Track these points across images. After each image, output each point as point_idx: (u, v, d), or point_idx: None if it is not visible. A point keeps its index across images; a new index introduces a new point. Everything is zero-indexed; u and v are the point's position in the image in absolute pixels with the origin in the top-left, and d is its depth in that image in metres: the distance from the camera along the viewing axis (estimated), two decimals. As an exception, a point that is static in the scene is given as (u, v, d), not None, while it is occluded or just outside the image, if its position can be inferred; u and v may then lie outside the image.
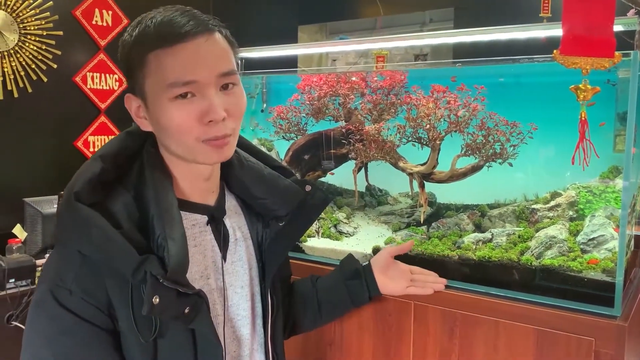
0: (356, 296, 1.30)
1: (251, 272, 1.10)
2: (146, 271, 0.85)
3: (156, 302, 0.85)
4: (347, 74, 1.77)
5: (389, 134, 1.63)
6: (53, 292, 0.89)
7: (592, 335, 1.14)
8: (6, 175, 2.95)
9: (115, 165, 0.96)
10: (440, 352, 1.32)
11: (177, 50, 0.88)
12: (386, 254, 1.33)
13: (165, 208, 0.91)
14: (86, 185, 0.90)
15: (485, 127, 1.46)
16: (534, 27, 1.42)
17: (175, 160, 0.98)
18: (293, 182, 1.13)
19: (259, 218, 1.13)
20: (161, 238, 0.89)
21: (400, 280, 1.31)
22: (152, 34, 0.89)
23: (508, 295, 1.28)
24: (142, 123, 0.96)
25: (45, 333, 0.90)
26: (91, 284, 0.89)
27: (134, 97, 0.95)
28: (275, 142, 1.94)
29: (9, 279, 2.30)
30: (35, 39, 3.03)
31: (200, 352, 0.96)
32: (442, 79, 1.54)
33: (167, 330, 0.93)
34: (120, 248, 0.86)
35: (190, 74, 0.88)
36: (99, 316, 0.90)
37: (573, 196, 1.39)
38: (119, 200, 0.91)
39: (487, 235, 1.45)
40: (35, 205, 2.69)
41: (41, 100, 3.08)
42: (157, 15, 0.91)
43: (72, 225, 0.89)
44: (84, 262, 0.89)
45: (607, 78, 1.27)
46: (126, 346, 0.92)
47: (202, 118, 0.90)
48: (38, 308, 0.91)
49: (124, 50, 0.93)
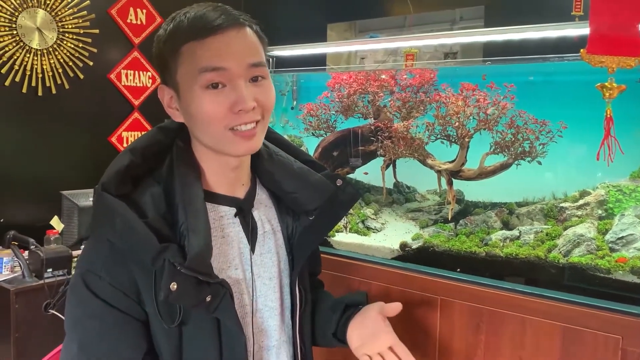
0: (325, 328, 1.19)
1: (280, 265, 1.11)
2: (165, 259, 0.88)
3: (174, 289, 0.88)
4: (376, 72, 1.79)
5: (417, 132, 1.65)
6: (84, 277, 0.93)
7: (619, 333, 1.14)
8: (44, 169, 3.05)
9: (145, 159, 0.99)
10: (466, 346, 1.33)
11: (209, 42, 0.91)
12: (376, 311, 1.16)
13: (190, 199, 0.94)
14: (113, 177, 0.93)
15: (515, 126, 1.46)
16: (565, 26, 1.41)
17: (204, 152, 1.01)
18: (324, 177, 1.13)
19: (289, 211, 1.14)
20: (183, 227, 0.92)
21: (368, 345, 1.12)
22: (186, 27, 0.92)
23: (535, 292, 1.29)
24: (173, 114, 0.99)
25: (75, 316, 0.94)
26: (118, 270, 0.92)
27: (167, 88, 0.98)
28: (304, 138, 1.96)
29: (46, 268, 2.37)
30: (72, 37, 3.12)
31: (224, 342, 0.98)
32: (472, 77, 1.54)
33: (190, 318, 0.95)
34: (141, 236, 0.89)
35: (220, 61, 0.91)
36: (126, 302, 0.93)
37: (602, 195, 1.39)
38: (148, 192, 0.95)
39: (515, 233, 1.46)
40: (72, 198, 2.76)
41: (78, 97, 3.17)
42: (190, 10, 0.95)
43: (100, 214, 0.93)
44: (111, 249, 0.92)
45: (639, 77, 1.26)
46: (153, 331, 0.95)
47: (232, 108, 0.92)
48: (71, 293, 0.96)
49: (158, 45, 0.97)
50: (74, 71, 3.14)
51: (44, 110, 3.04)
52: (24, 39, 2.91)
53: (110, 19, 3.32)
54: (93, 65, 3.22)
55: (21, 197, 2.95)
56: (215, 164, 1.02)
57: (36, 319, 2.31)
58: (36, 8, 2.96)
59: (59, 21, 3.05)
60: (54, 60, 3.05)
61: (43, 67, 3.00)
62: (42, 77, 3.00)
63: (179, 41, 0.93)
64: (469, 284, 1.36)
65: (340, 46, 3.17)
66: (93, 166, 3.08)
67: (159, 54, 0.97)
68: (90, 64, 3.20)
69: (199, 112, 0.93)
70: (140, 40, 3.46)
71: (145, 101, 3.51)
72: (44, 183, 3.01)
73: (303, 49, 1.95)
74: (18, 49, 2.88)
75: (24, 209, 2.95)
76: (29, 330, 2.30)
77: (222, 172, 1.03)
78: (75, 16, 3.12)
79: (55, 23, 3.04)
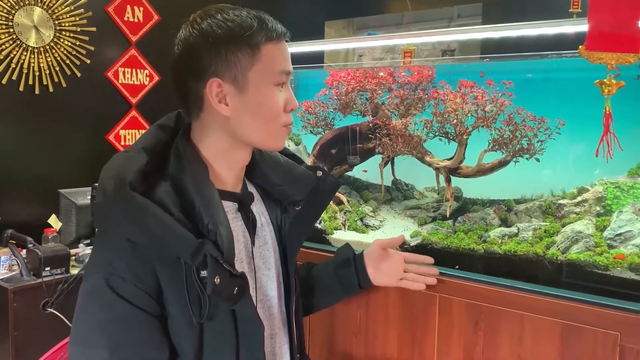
0: (347, 284, 1.34)
1: (275, 255, 1.17)
2: (206, 254, 0.90)
3: (217, 282, 0.90)
4: (374, 69, 1.79)
5: (415, 129, 1.65)
6: (108, 280, 0.92)
7: (618, 329, 1.15)
8: (42, 168, 3.04)
9: (152, 157, 1.00)
10: (465, 344, 1.34)
11: (282, 45, 1.02)
12: (376, 247, 1.35)
13: (209, 197, 0.97)
14: (138, 176, 0.93)
15: (513, 123, 1.46)
16: (563, 23, 1.41)
17: (218, 149, 1.04)
18: (305, 168, 1.20)
19: (277, 204, 1.19)
20: (211, 224, 0.94)
21: (392, 273, 1.34)
22: (266, 28, 0.99)
23: (533, 289, 1.29)
24: (221, 108, 1.00)
25: (99, 321, 0.93)
26: (142, 271, 0.93)
27: (225, 83, 0.98)
28: (302, 136, 1.96)
29: (44, 267, 2.37)
30: (69, 35, 3.11)
31: (241, 333, 1.00)
32: (470, 74, 1.54)
33: (214, 312, 0.97)
34: (178, 234, 0.90)
35: (289, 65, 1.04)
36: (150, 302, 0.94)
37: (600, 192, 1.39)
38: (160, 190, 0.95)
39: (513, 230, 1.46)
40: (70, 197, 2.75)
41: (75, 95, 3.16)
42: (244, 12, 1.00)
43: (125, 215, 0.91)
44: (133, 250, 0.92)
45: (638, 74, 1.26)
46: (174, 330, 0.96)
47: (286, 106, 1.03)
48: (91, 298, 0.94)
49: (214, 40, 0.96)
50: (71, 69, 3.13)
51: (41, 108, 3.03)
52: (20, 37, 2.90)
53: (107, 16, 3.32)
54: (90, 63, 3.21)
55: (19, 196, 2.95)
56: (225, 162, 1.05)
57: (34, 318, 2.31)
58: (33, 6, 2.95)
59: (55, 19, 3.05)
60: (51, 58, 3.04)
61: (40, 65, 2.99)
62: (39, 76, 2.99)
63: (259, 40, 0.98)
64: (468, 281, 1.36)
65: (338, 43, 3.17)
66: (91, 164, 3.08)
67: (222, 50, 0.98)
68: (88, 62, 3.20)
69: (271, 107, 1.01)
70: (138, 38, 3.46)
71: (142, 99, 3.50)
72: (41, 181, 3.01)
73: (301, 46, 1.94)
74: (15, 47, 2.88)
75: (21, 207, 2.95)
76: (27, 328, 2.30)
77: (232, 169, 1.07)
78: (72, 14, 3.11)
79: (52, 21, 3.03)
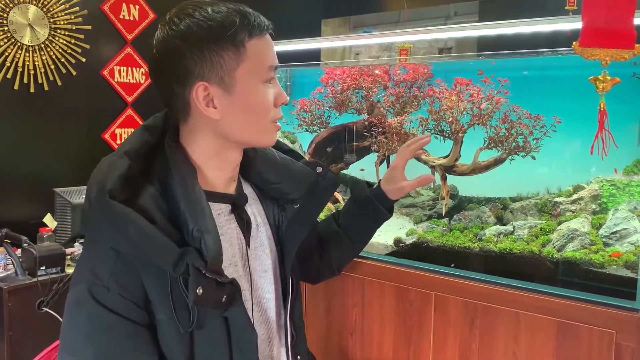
0: (377, 218, 1.31)
1: (272, 256, 1.13)
2: (188, 263, 0.87)
3: (200, 293, 0.88)
4: (370, 67, 1.78)
5: (411, 127, 1.64)
6: (91, 290, 0.90)
7: (614, 327, 1.14)
8: (37, 166, 3.03)
9: (137, 161, 0.96)
10: (461, 342, 1.33)
11: (266, 39, 0.98)
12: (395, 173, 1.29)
13: (196, 201, 0.93)
14: (118, 183, 0.90)
15: (508, 120, 1.46)
16: (559, 20, 1.41)
17: (207, 150, 1.00)
18: (304, 165, 1.16)
19: (274, 202, 1.15)
20: (196, 230, 0.90)
21: (401, 182, 1.28)
22: (248, 23, 0.93)
23: (529, 287, 1.29)
24: (210, 112, 0.95)
25: (85, 331, 0.91)
26: (127, 280, 0.90)
27: (211, 85, 0.94)
28: (298, 134, 1.96)
29: (40, 266, 2.36)
30: (64, 33, 3.09)
31: (234, 340, 0.98)
32: (466, 72, 1.54)
33: (202, 321, 0.94)
34: (159, 243, 0.87)
35: (276, 59, 0.99)
36: (137, 311, 0.91)
37: (596, 190, 1.39)
38: (147, 195, 0.92)
39: (509, 228, 1.45)
40: (65, 195, 2.74)
41: (70, 93, 3.15)
42: (223, 7, 0.94)
43: (107, 223, 0.89)
44: (118, 259, 0.90)
45: (633, 71, 1.26)
46: (164, 339, 0.93)
47: (276, 101, 1.00)
48: (76, 307, 0.92)
49: (196, 42, 0.92)
50: (67, 68, 3.12)
51: (36, 107, 3.02)
52: (15, 35, 2.89)
53: (102, 15, 3.30)
54: (86, 61, 3.20)
55: (14, 195, 2.93)
56: (216, 163, 1.02)
57: (30, 317, 2.30)
58: (28, 4, 2.94)
59: (50, 17, 3.03)
60: (46, 56, 3.03)
61: (35, 63, 2.98)
62: (34, 74, 2.98)
63: (242, 37, 0.93)
64: (463, 279, 1.36)
65: (334, 41, 3.16)
66: (86, 163, 3.06)
67: (206, 52, 0.92)
68: (83, 61, 3.18)
69: (262, 105, 0.97)
70: (134, 36, 3.44)
71: (138, 98, 3.49)
72: (36, 180, 2.99)
73: (297, 44, 1.94)
74: (9, 45, 2.86)
75: (16, 206, 2.93)
76: (22, 328, 2.29)
77: (224, 170, 1.03)
78: (67, 12, 3.10)
79: (47, 19, 3.02)
